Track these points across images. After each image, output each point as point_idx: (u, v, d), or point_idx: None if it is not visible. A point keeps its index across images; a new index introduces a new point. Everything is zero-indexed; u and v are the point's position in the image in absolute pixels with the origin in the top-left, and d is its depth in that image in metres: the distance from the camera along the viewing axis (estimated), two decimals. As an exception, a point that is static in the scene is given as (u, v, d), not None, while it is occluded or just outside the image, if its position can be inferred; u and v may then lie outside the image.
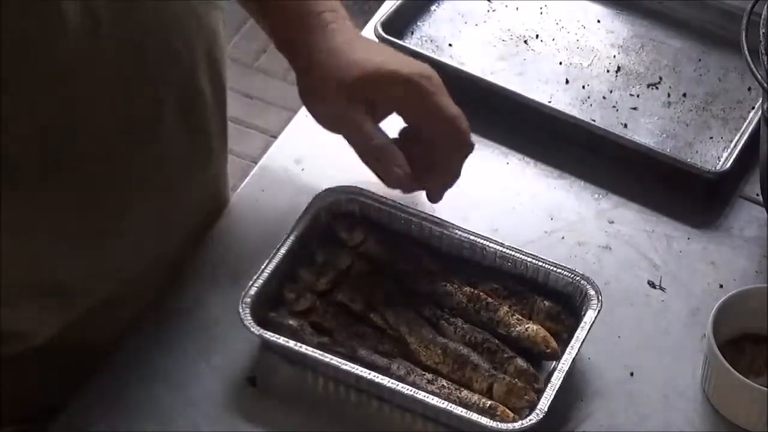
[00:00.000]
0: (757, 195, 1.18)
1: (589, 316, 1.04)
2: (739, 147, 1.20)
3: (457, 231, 1.10)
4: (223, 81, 1.14)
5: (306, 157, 1.21)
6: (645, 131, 1.24)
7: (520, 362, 1.03)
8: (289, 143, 1.23)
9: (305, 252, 1.09)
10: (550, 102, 1.25)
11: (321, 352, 1.01)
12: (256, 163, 1.24)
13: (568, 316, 1.06)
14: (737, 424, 1.03)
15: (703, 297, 1.11)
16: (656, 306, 1.11)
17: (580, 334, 1.03)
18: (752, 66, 1.03)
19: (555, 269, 1.07)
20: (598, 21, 1.34)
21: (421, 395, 0.99)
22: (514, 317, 1.05)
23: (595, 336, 1.08)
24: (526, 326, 1.05)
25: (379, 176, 1.10)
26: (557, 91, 1.27)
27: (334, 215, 1.12)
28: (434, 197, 1.12)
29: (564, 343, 1.04)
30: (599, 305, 1.05)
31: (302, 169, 1.20)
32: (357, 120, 1.07)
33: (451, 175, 1.11)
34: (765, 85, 1.03)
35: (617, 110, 1.25)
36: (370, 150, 1.08)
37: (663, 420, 1.04)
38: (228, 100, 1.16)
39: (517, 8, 1.35)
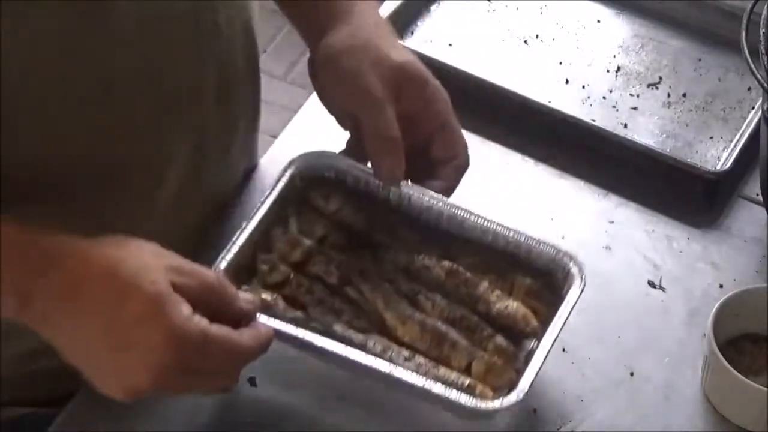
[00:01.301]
0: (757, 195, 1.18)
1: (573, 293, 1.01)
2: (739, 147, 1.20)
3: (435, 201, 1.06)
4: (257, 61, 1.12)
5: (306, 157, 1.21)
6: (645, 131, 1.24)
7: (500, 340, 1.00)
8: (289, 143, 1.23)
9: (279, 220, 1.05)
10: (550, 102, 1.25)
11: (294, 327, 0.98)
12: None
13: (550, 293, 1.03)
14: (737, 424, 1.03)
15: (703, 297, 1.11)
16: (656, 306, 1.11)
17: (562, 311, 0.99)
18: (752, 66, 1.03)
19: (538, 244, 1.04)
20: (598, 21, 1.34)
21: (399, 372, 0.96)
22: (494, 294, 1.02)
23: (595, 336, 1.08)
24: (506, 303, 1.02)
25: (374, 167, 1.05)
26: (557, 91, 1.27)
27: (309, 181, 1.07)
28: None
29: (545, 322, 1.00)
30: (583, 283, 1.01)
31: (302, 169, 1.19)
32: (385, 102, 1.02)
33: (449, 190, 1.08)
34: (765, 85, 1.03)
35: (617, 110, 1.25)
36: (387, 139, 1.03)
37: (663, 420, 1.04)
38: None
39: (517, 8, 1.35)
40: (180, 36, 0.99)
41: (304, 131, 1.24)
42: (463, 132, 1.22)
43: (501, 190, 1.20)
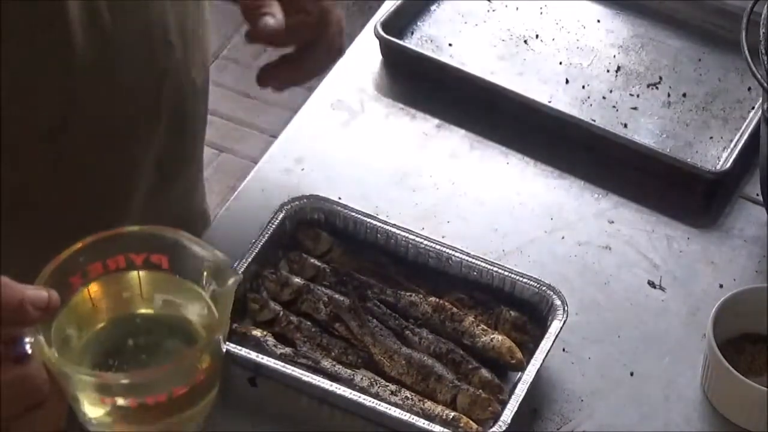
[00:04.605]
0: (757, 195, 1.18)
1: (555, 326, 1.03)
2: (739, 147, 1.20)
3: (422, 240, 1.09)
4: (208, 70, 1.11)
5: (306, 157, 1.21)
6: (645, 131, 1.24)
7: (485, 373, 1.02)
8: (289, 143, 1.23)
9: (270, 261, 1.09)
10: (550, 102, 1.25)
11: (283, 364, 1.01)
12: (256, 163, 1.23)
13: (534, 326, 1.05)
14: (737, 424, 1.03)
15: (703, 297, 1.11)
16: (656, 306, 1.11)
17: (545, 344, 1.02)
18: (752, 66, 1.03)
19: (521, 279, 1.07)
20: (598, 21, 1.34)
21: (383, 407, 0.99)
22: (479, 327, 1.05)
23: (595, 336, 1.08)
24: (492, 337, 1.04)
25: (252, 26, 1.03)
26: (557, 91, 1.27)
27: (299, 224, 1.11)
28: (281, 84, 1.08)
29: (530, 354, 1.03)
30: (565, 315, 1.04)
31: (302, 169, 1.20)
32: None
33: (313, 70, 1.07)
34: (765, 85, 1.03)
35: (617, 110, 1.25)
36: None
37: (663, 420, 1.04)
38: (228, 100, 1.15)
39: (517, 8, 1.35)
40: (134, 58, 0.97)
41: (304, 131, 1.24)
42: (463, 132, 1.22)
43: (501, 189, 1.19)
